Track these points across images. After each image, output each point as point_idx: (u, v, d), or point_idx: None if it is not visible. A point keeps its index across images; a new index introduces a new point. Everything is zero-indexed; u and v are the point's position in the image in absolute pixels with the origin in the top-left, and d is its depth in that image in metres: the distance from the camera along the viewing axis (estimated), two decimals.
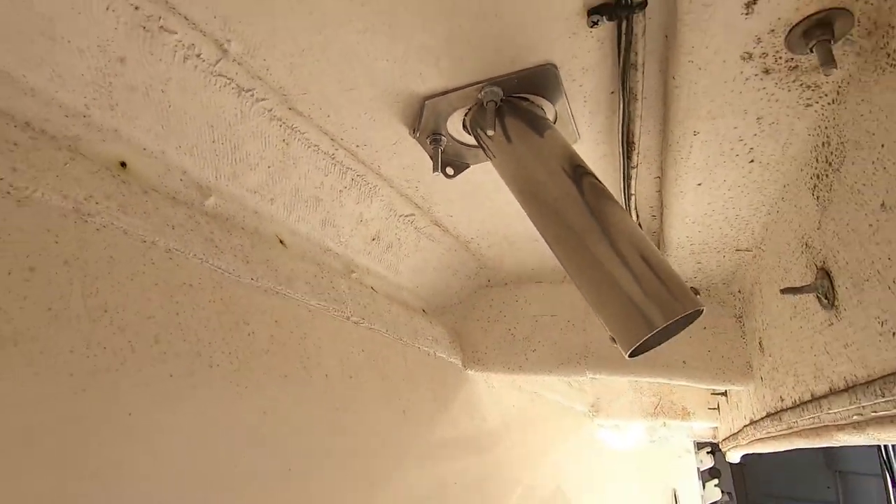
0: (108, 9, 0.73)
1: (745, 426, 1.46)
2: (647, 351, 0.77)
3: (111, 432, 0.67)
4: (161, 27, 0.77)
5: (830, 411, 0.79)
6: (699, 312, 0.71)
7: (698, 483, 3.68)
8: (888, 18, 0.54)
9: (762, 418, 1.20)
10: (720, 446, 2.54)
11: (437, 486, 1.52)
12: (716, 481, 4.85)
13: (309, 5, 0.75)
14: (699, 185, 0.94)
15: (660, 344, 0.78)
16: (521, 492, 2.22)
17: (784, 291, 0.81)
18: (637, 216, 1.18)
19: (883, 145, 0.57)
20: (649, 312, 0.69)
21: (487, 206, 1.36)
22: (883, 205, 0.58)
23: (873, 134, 0.59)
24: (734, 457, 2.13)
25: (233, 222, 1.04)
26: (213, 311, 0.84)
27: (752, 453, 1.75)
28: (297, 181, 1.12)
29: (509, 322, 1.73)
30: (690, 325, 0.76)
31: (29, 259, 0.63)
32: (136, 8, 0.74)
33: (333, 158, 1.12)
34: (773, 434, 1.18)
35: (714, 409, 2.65)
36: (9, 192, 0.63)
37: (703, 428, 3.55)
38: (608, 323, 0.75)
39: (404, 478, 1.38)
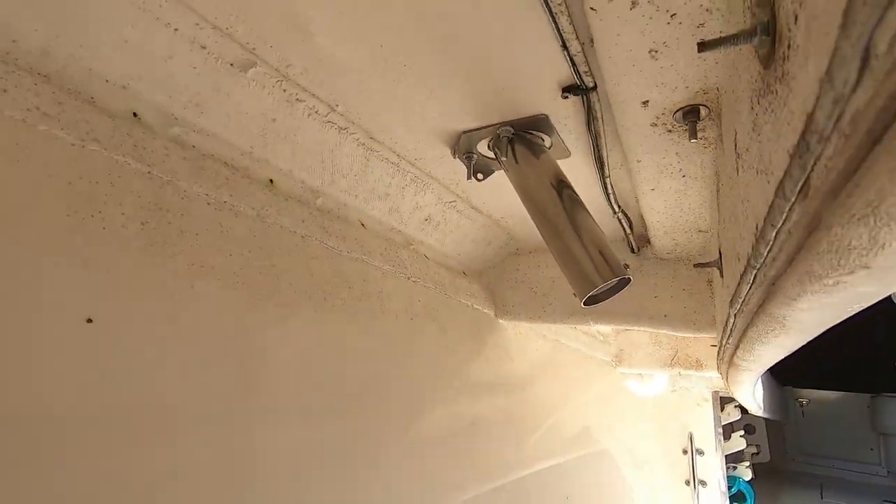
0: (269, 93, 1.21)
1: (721, 342, 1.55)
2: (598, 303, 1.22)
3: (278, 336, 1.21)
4: (297, 99, 1.25)
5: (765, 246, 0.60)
6: (627, 280, 1.15)
7: (715, 429, 4.06)
8: (718, 110, 0.92)
9: (726, 321, 1.12)
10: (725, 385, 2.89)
11: (472, 418, 2.02)
12: (741, 433, 5.19)
13: (386, 89, 1.20)
14: (652, 189, 1.34)
15: (608, 299, 1.23)
16: (546, 429, 2.70)
17: (696, 265, 1.22)
18: (619, 206, 1.58)
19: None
20: (593, 277, 1.13)
21: (510, 196, 1.79)
22: (751, 167, 0.94)
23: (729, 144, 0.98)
24: (739, 393, 2.45)
25: (333, 214, 1.55)
26: (329, 273, 1.36)
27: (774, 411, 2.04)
28: (373, 183, 1.60)
29: (532, 282, 2.19)
30: (626, 288, 1.20)
31: (253, 252, 1.15)
32: (284, 90, 1.22)
33: (398, 167, 1.59)
34: (740, 331, 1.13)
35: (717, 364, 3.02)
36: (233, 210, 1.15)
37: (720, 379, 3.90)
38: (571, 283, 1.20)
39: (447, 406, 1.89)
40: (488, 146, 1.41)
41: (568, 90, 1.11)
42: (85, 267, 0.77)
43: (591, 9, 0.76)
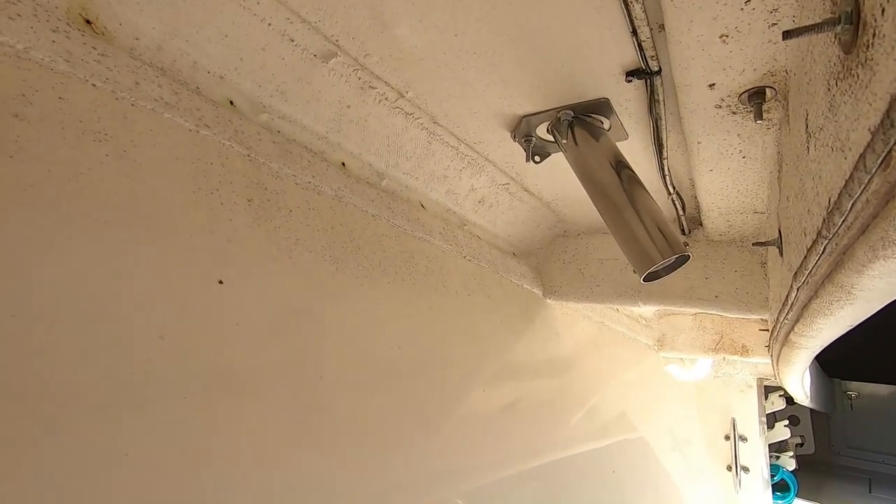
0: (346, 81, 1.30)
1: (775, 321, 1.47)
2: (657, 279, 1.27)
3: (357, 305, 1.32)
4: (370, 86, 1.34)
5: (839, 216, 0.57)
6: (687, 257, 1.19)
7: (758, 416, 4.02)
8: (784, 92, 0.95)
9: (787, 296, 1.07)
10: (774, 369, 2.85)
11: (517, 395, 2.09)
12: (785, 422, 5.09)
13: (456, 76, 1.28)
14: (711, 170, 1.37)
15: (666, 275, 1.28)
16: (588, 410, 2.76)
17: (755, 244, 1.26)
18: (674, 188, 1.61)
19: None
20: (652, 254, 1.19)
21: (563, 178, 1.85)
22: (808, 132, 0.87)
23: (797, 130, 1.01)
24: (788, 379, 2.44)
25: (397, 195, 1.64)
26: (398, 250, 1.46)
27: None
28: (433, 166, 1.69)
29: (580, 263, 2.24)
30: (685, 265, 1.24)
31: (335, 229, 1.26)
32: (360, 78, 1.31)
33: (457, 150, 1.67)
34: (802, 304, 0.94)
35: (768, 343, 2.99)
36: (316, 189, 1.26)
37: (767, 366, 3.85)
38: (630, 260, 1.25)
39: (495, 382, 1.97)
40: (547, 129, 1.47)
41: (632, 74, 1.15)
42: (212, 235, 0.89)
43: None
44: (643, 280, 1.24)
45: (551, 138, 1.49)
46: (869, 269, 0.60)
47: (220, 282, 0.87)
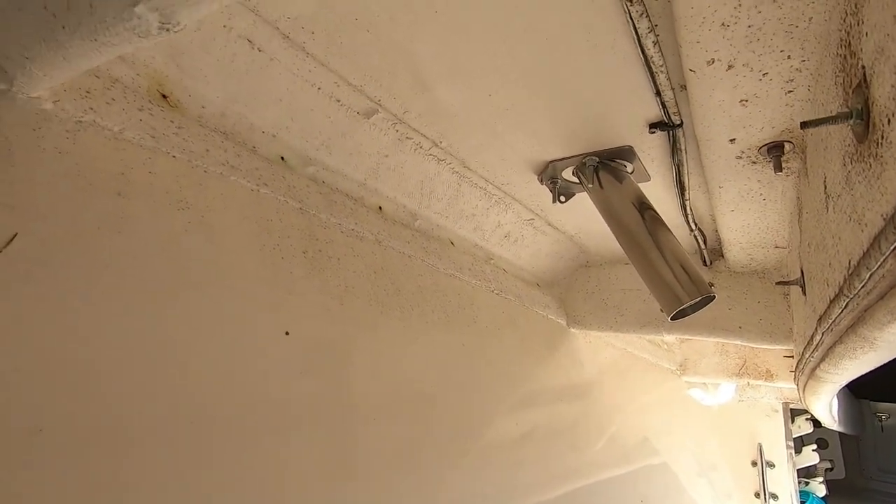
0: (385, 134, 1.40)
1: (801, 356, 1.62)
2: (684, 317, 1.33)
3: (399, 346, 1.39)
4: (407, 137, 1.44)
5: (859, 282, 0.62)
6: (712, 297, 1.25)
7: (785, 441, 3.96)
8: (802, 146, 1.02)
9: (812, 337, 1.13)
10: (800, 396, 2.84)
11: (541, 423, 2.14)
12: (813, 446, 4.99)
13: (487, 128, 1.37)
14: (732, 211, 1.44)
15: (693, 313, 1.33)
16: (610, 436, 2.77)
17: (778, 283, 1.30)
18: (696, 225, 1.67)
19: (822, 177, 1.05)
20: (679, 294, 1.25)
21: (585, 213, 1.92)
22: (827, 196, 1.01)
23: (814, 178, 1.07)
24: (815, 405, 2.44)
25: (428, 234, 1.73)
26: (433, 289, 1.54)
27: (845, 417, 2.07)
28: (462, 206, 1.77)
29: (603, 293, 2.29)
30: (712, 303, 1.30)
31: (377, 273, 1.35)
32: (398, 131, 1.41)
33: (485, 191, 1.75)
34: (827, 347, 1.01)
35: (794, 371, 2.99)
36: (359, 236, 1.35)
37: (792, 391, 3.81)
38: (658, 300, 1.31)
39: (519, 411, 2.02)
40: (573, 172, 1.55)
41: (655, 126, 1.23)
42: (277, 289, 0.98)
43: (690, 70, 0.89)
44: (670, 319, 1.30)
45: (576, 180, 1.57)
46: (889, 327, 0.66)
47: (287, 333, 0.96)
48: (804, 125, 0.65)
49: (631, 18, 0.84)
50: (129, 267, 0.76)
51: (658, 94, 1.06)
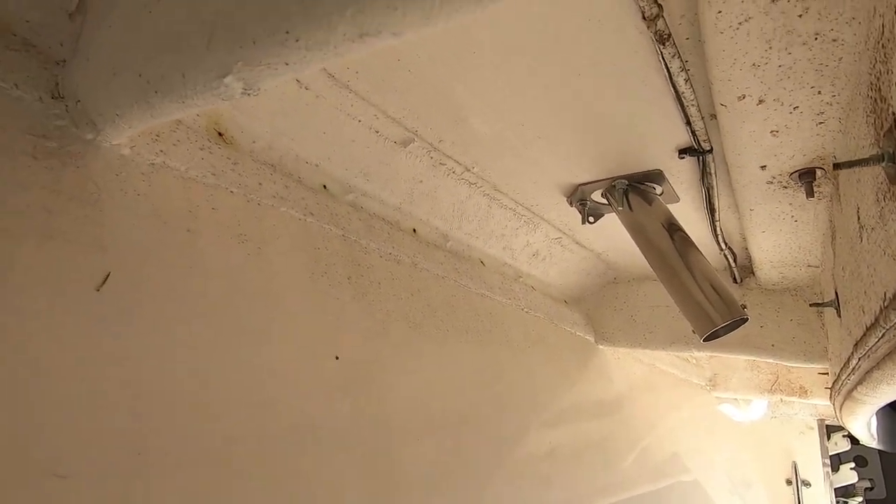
0: (420, 161, 1.46)
1: (837, 377, 1.63)
2: (717, 338, 1.34)
3: (437, 366, 1.43)
4: (440, 163, 1.50)
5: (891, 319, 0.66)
6: (745, 319, 1.26)
7: (822, 459, 3.85)
8: (834, 173, 1.04)
9: (848, 360, 1.15)
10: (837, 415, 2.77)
11: (570, 438, 2.15)
12: (851, 464, 4.82)
13: (519, 154, 1.42)
14: (763, 232, 1.45)
15: (725, 334, 1.34)
16: (638, 453, 2.75)
17: (812, 305, 1.31)
18: (726, 244, 1.69)
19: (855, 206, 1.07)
20: (713, 316, 1.26)
21: (612, 231, 1.94)
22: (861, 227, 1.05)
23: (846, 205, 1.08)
24: (853, 424, 2.38)
25: (460, 254, 1.78)
26: (466, 309, 1.58)
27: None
28: (492, 226, 1.82)
29: (631, 310, 2.30)
30: (746, 324, 1.31)
31: (414, 295, 1.40)
32: (432, 157, 1.47)
33: (515, 212, 1.80)
34: (864, 371, 1.04)
35: (829, 388, 2.92)
36: (396, 259, 1.41)
37: (828, 407, 3.70)
38: (690, 321, 1.33)
39: (548, 428, 2.04)
40: (602, 194, 1.58)
41: (684, 152, 1.26)
42: (326, 315, 1.04)
43: (721, 104, 0.93)
44: (703, 340, 1.32)
45: (605, 202, 1.60)
46: None
47: (337, 357, 1.01)
48: (836, 167, 0.68)
49: (663, 58, 0.88)
50: (200, 298, 0.82)
51: (688, 123, 1.10)
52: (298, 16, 0.47)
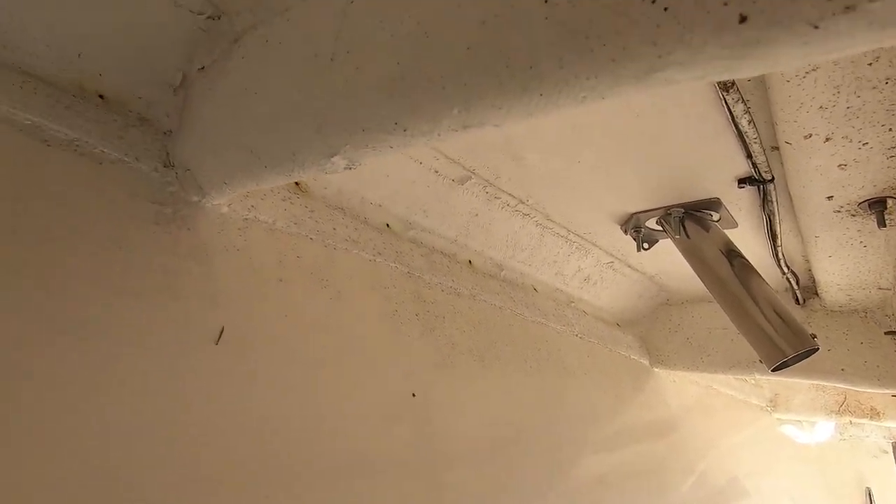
0: (476, 196, 1.52)
1: None
2: (785, 367, 1.32)
3: (488, 396, 1.47)
4: (496, 197, 1.55)
5: None
6: (815, 349, 1.24)
7: None
8: None
9: None
10: None
11: (625, 462, 2.12)
12: None
13: (573, 187, 1.45)
14: (830, 257, 1.42)
15: (794, 364, 1.32)
16: (695, 478, 2.66)
17: (887, 333, 1.27)
18: (789, 268, 1.65)
19: None
20: (782, 347, 1.24)
21: (665, 255, 1.93)
22: None
23: None
24: None
25: (513, 282, 1.81)
26: (523, 338, 1.61)
27: None
28: (544, 254, 1.85)
29: (686, 332, 2.26)
30: (815, 353, 1.28)
31: (474, 327, 1.45)
32: (487, 192, 1.52)
33: (567, 239, 1.82)
34: None
35: None
36: (457, 292, 1.46)
37: None
38: (756, 350, 1.31)
39: (603, 454, 2.02)
40: (657, 222, 1.59)
41: (744, 182, 1.26)
42: (399, 352, 1.10)
43: (786, 142, 0.94)
44: (771, 371, 1.30)
45: (660, 228, 1.61)
46: None
47: (413, 394, 1.07)
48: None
49: (726, 103, 0.91)
50: (294, 344, 0.90)
51: (749, 156, 1.11)
52: (408, 111, 0.53)
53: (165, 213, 0.83)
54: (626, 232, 1.65)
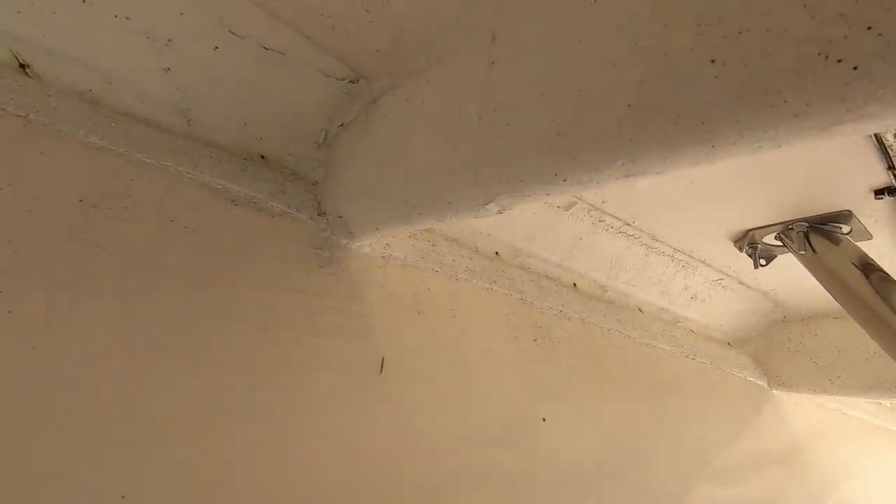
0: (580, 220, 1.54)
1: None
2: None
3: (604, 422, 1.46)
4: (600, 220, 1.56)
5: None
6: None
7: None
8: None
9: None
10: None
11: (744, 493, 1.98)
12: None
13: (683, 208, 1.43)
14: None
15: None
16: None
17: None
18: None
19: None
20: None
21: (782, 269, 1.82)
22: None
23: None
24: None
25: (618, 303, 1.80)
26: (635, 359, 1.59)
27: None
28: (649, 273, 1.82)
29: (809, 352, 2.09)
30: None
31: (587, 352, 1.46)
32: (592, 216, 1.54)
33: (673, 258, 1.78)
34: None
35: None
36: (567, 316, 1.49)
37: None
38: None
39: (717, 484, 1.90)
40: (775, 237, 1.52)
41: (882, 192, 1.18)
42: (522, 377, 1.15)
43: None
44: None
45: (779, 244, 1.53)
46: None
47: (543, 419, 1.11)
48: None
49: None
50: (436, 370, 0.97)
51: (891, 168, 1.04)
52: (569, 164, 0.58)
53: (324, 257, 0.95)
54: (740, 249, 1.59)
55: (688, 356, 1.88)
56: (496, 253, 1.49)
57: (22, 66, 0.84)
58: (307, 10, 0.85)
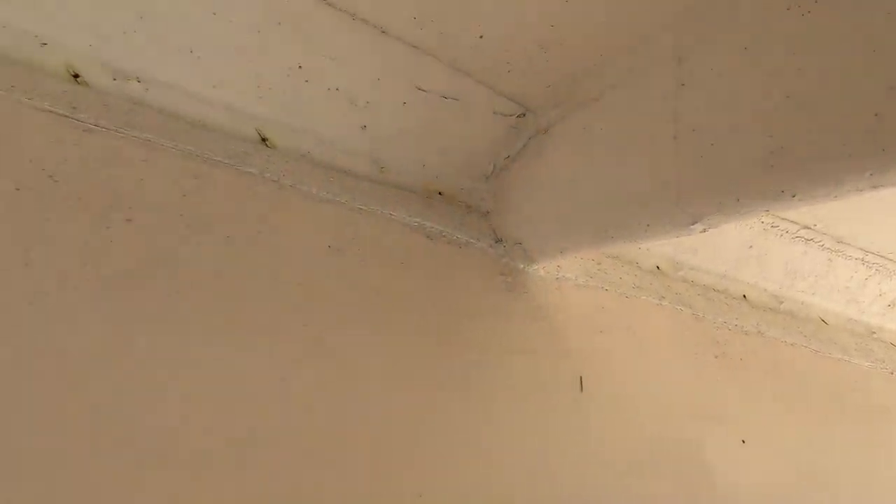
0: (749, 227, 1.45)
1: None
2: None
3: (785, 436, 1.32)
4: (773, 226, 1.45)
5: None
6: None
7: None
8: None
9: None
10: None
11: None
12: None
13: (877, 205, 1.28)
14: None
15: None
16: None
17: None
18: None
19: None
20: None
21: None
22: None
23: None
24: None
25: (796, 315, 1.63)
26: (827, 376, 1.43)
27: None
28: (832, 280, 1.63)
29: None
30: None
31: (770, 372, 1.36)
32: (762, 222, 1.43)
33: (862, 261, 1.58)
34: None
35: None
36: (744, 331, 1.39)
37: None
38: None
39: None
40: None
41: None
42: (714, 401, 1.11)
43: None
44: None
45: None
46: None
47: (743, 441, 1.06)
48: None
49: None
50: (620, 392, 0.99)
51: None
52: (805, 181, 0.57)
53: (508, 282, 1.02)
54: None
55: (892, 372, 1.64)
56: (657, 267, 1.45)
57: (263, 139, 1.04)
58: (491, 61, 0.93)
